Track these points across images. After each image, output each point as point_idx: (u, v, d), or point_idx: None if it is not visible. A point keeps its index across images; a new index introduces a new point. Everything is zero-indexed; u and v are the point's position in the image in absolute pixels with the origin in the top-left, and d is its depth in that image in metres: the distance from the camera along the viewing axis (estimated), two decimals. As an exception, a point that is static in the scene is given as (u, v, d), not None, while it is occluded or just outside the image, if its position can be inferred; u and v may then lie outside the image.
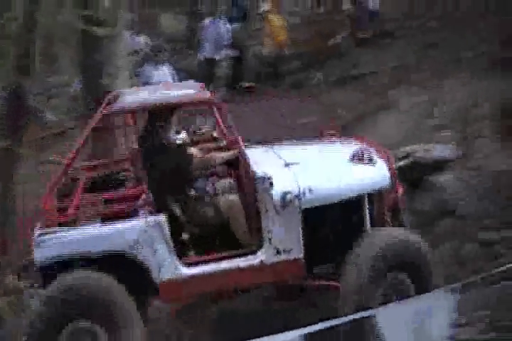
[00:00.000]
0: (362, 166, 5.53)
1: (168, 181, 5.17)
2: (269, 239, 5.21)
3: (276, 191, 5.15)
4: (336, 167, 5.56)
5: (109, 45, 7.37)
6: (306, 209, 5.24)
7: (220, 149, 5.78)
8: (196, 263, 5.16)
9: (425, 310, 5.18)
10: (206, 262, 5.17)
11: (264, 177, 5.11)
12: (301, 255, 5.32)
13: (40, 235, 4.89)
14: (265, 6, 11.97)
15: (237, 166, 5.63)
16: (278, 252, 5.26)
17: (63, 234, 4.90)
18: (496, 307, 5.16)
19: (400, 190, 5.82)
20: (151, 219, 5.01)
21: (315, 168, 5.48)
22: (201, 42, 11.28)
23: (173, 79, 9.40)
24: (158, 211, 5.08)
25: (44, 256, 4.88)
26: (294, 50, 11.86)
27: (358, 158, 5.56)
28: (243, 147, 5.19)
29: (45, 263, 4.91)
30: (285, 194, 5.19)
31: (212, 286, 5.25)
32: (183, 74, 11.85)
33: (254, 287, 5.61)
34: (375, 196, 5.58)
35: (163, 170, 5.12)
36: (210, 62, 11.06)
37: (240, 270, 5.19)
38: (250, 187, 5.23)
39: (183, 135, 6.06)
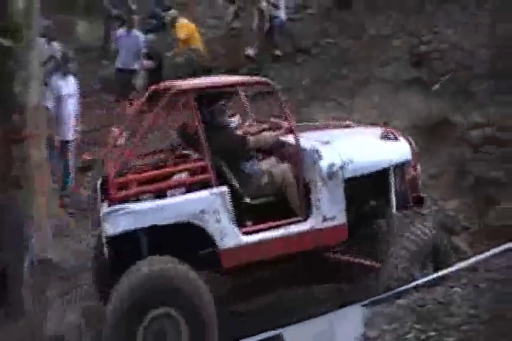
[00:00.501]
0: (390, 143, 6.33)
1: (227, 158, 5.63)
2: (318, 207, 5.75)
3: (324, 163, 5.73)
4: (369, 143, 6.30)
5: (21, 52, 7.13)
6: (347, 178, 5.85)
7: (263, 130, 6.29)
8: (253, 232, 5.59)
9: (335, 325, 5.42)
10: (262, 230, 5.60)
11: (313, 150, 5.72)
12: (345, 221, 5.88)
13: (108, 210, 5.21)
14: (173, 12, 11.92)
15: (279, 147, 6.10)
16: (325, 219, 5.79)
17: (132, 206, 5.21)
18: (404, 320, 5.26)
19: (418, 167, 6.62)
20: (215, 189, 5.38)
21: (351, 144, 6.15)
22: (117, 52, 11.14)
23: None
24: (219, 184, 5.44)
25: (113, 228, 5.15)
26: (211, 63, 11.81)
27: (386, 136, 6.36)
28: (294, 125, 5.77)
29: (114, 235, 5.15)
30: (331, 165, 5.76)
31: (268, 253, 5.65)
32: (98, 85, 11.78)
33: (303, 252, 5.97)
34: (399, 169, 6.29)
35: (224, 148, 5.59)
36: (126, 72, 10.90)
37: (292, 236, 5.68)
38: (299, 160, 5.74)
39: (236, 118, 6.52)
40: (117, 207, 5.20)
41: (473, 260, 6.06)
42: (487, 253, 6.12)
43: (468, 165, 9.11)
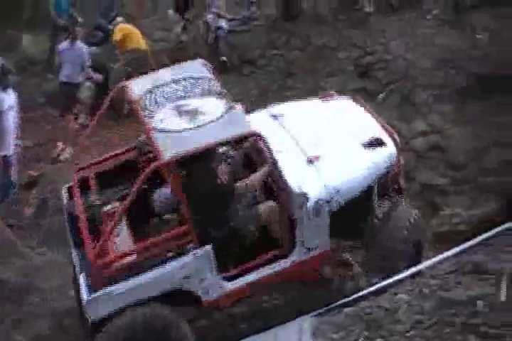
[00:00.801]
0: (376, 151, 6.16)
1: (213, 216, 5.49)
2: (302, 242, 5.76)
3: (310, 202, 5.64)
4: (354, 157, 6.08)
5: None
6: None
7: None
8: (235, 276, 5.65)
9: (281, 338, 5.44)
10: (243, 273, 5.65)
11: (301, 194, 5.58)
12: (328, 247, 5.99)
13: (91, 298, 5.12)
14: (118, 21, 11.84)
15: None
16: (309, 250, 5.85)
17: (114, 289, 5.12)
18: (352, 328, 5.28)
19: (401, 161, 6.60)
20: (200, 251, 5.34)
21: (336, 163, 5.92)
22: (61, 65, 10.96)
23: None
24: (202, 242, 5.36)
25: (96, 314, 5.16)
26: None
27: (370, 145, 6.16)
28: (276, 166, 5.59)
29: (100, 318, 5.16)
30: (317, 202, 5.69)
31: (252, 291, 5.87)
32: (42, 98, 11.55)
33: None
34: (384, 174, 6.29)
35: (210, 208, 5.46)
36: (71, 86, 10.73)
37: (274, 274, 5.76)
38: (286, 198, 5.66)
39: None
40: (99, 293, 5.11)
41: (419, 267, 6.13)
42: (433, 260, 6.20)
43: (413, 172, 9.26)
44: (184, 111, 5.46)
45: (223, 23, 12.01)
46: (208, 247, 5.35)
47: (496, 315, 4.70)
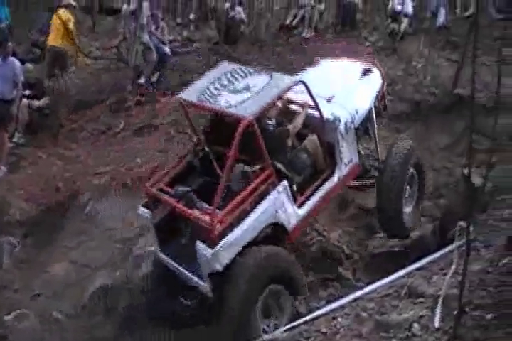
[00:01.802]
0: (369, 78, 7.94)
1: (278, 152, 6.58)
2: (341, 159, 7.14)
3: (342, 124, 7.06)
4: (359, 87, 7.74)
5: None
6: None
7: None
8: (302, 203, 6.73)
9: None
10: (306, 199, 6.77)
11: (334, 119, 6.98)
12: (358, 159, 7.49)
13: (213, 252, 5.86)
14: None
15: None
16: (346, 165, 7.26)
17: (228, 239, 5.95)
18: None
19: (385, 83, 8.34)
20: (279, 187, 6.41)
21: (348, 95, 7.43)
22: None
23: None
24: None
25: (220, 264, 5.96)
26: (97, 96, 11.54)
27: (365, 73, 7.91)
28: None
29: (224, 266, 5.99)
30: (346, 123, 7.15)
31: (316, 213, 7.23)
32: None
33: None
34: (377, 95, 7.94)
35: (276, 147, 6.54)
36: (3, 102, 10.40)
37: (327, 192, 7.03)
38: (323, 129, 6.91)
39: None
40: (217, 248, 5.88)
41: (359, 293, 6.17)
42: (371, 286, 6.24)
43: (351, 196, 9.37)
44: (238, 90, 6.50)
45: (167, 49, 11.93)
46: (285, 182, 6.45)
47: (431, 338, 4.76)
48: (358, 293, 6.16)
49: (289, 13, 14.20)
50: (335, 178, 7.13)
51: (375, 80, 8.09)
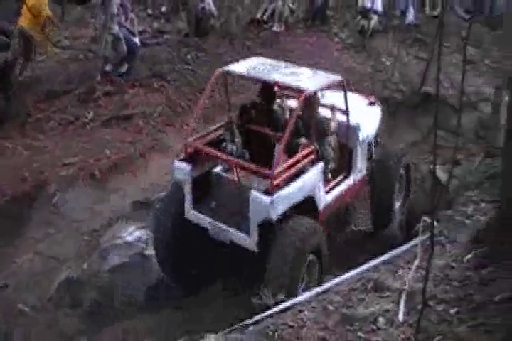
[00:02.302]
0: (373, 108, 8.72)
1: (319, 137, 7.15)
2: (356, 165, 7.96)
3: (361, 134, 7.84)
4: (368, 113, 8.45)
5: None
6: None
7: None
8: (328, 191, 7.39)
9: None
10: (331, 189, 7.49)
11: (357, 126, 7.75)
12: (365, 172, 8.28)
13: (271, 200, 6.25)
14: None
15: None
16: (358, 172, 8.06)
17: (283, 193, 6.39)
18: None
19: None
20: (318, 166, 6.99)
21: (361, 114, 8.03)
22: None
23: None
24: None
25: (276, 213, 6.35)
26: (65, 86, 11.41)
27: (371, 104, 8.69)
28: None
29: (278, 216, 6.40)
30: (363, 134, 7.90)
31: (339, 203, 7.81)
32: None
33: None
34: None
35: (321, 133, 7.17)
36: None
37: (346, 189, 7.85)
38: (348, 134, 7.65)
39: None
40: (275, 196, 6.28)
41: (325, 286, 6.23)
42: (337, 279, 6.31)
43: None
44: (287, 73, 7.03)
45: (137, 39, 11.85)
46: (322, 163, 7.03)
47: (396, 332, 4.84)
48: (324, 287, 6.22)
49: (259, 7, 14.19)
50: (351, 179, 7.93)
51: (378, 113, 8.81)
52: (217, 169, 7.08)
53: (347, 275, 6.30)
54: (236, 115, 7.59)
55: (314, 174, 6.92)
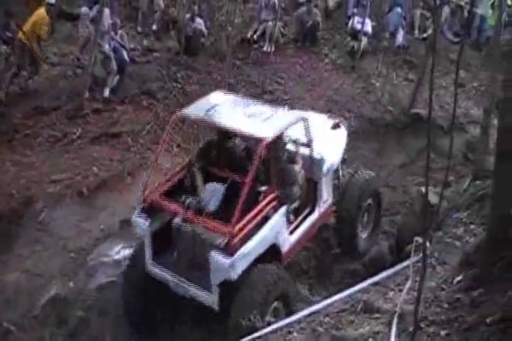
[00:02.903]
0: (338, 132, 8.61)
1: (286, 182, 7.03)
2: (321, 197, 7.86)
3: (325, 165, 7.74)
4: (332, 138, 8.37)
5: None
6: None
7: None
8: (292, 231, 7.29)
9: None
10: (296, 228, 7.39)
11: (322, 158, 7.67)
12: (331, 200, 8.19)
13: (230, 261, 6.12)
14: None
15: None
16: (324, 203, 7.96)
17: (242, 251, 6.26)
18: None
19: None
20: (281, 211, 6.87)
21: (325, 142, 7.91)
22: None
23: None
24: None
25: (235, 273, 6.23)
26: (53, 102, 11.33)
27: (335, 127, 8.60)
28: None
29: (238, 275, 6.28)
30: (327, 165, 7.79)
31: (304, 241, 7.78)
32: None
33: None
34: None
35: (286, 181, 7.02)
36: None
37: (311, 225, 7.73)
38: (311, 166, 7.53)
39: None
40: (235, 257, 6.15)
41: (315, 307, 6.18)
42: (327, 300, 6.27)
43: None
44: (245, 115, 6.89)
45: (125, 55, 11.86)
46: (284, 207, 6.90)
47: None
48: (313, 308, 6.18)
49: (250, 27, 14.26)
50: (316, 213, 7.81)
51: (343, 136, 8.69)
52: (178, 220, 6.80)
53: (336, 296, 6.27)
54: (195, 156, 7.47)
55: (277, 221, 6.82)
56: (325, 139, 8.03)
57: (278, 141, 6.97)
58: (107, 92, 11.42)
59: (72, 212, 8.80)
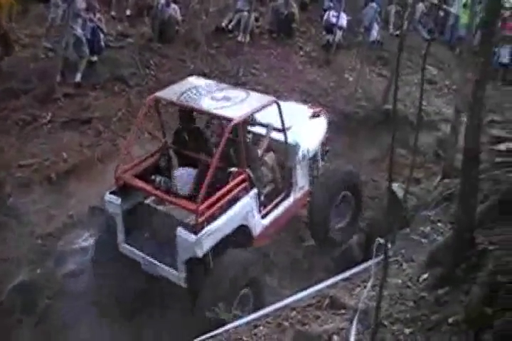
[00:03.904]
0: (317, 121, 8.77)
1: (251, 164, 7.03)
2: (296, 183, 7.95)
3: (300, 151, 7.88)
4: (310, 126, 8.53)
5: None
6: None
7: None
8: (265, 215, 7.35)
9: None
10: (269, 212, 7.42)
11: (295, 144, 7.78)
12: (308, 187, 8.31)
13: (197, 238, 6.19)
14: None
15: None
16: (299, 189, 8.07)
17: (211, 228, 6.35)
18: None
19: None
20: (251, 193, 6.96)
21: (302, 129, 8.12)
22: None
23: None
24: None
25: (201, 250, 6.28)
26: (24, 85, 11.14)
27: (314, 116, 8.76)
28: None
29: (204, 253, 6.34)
30: (303, 151, 7.96)
31: (276, 228, 7.72)
32: None
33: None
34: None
35: (253, 161, 7.07)
36: None
37: (286, 210, 7.75)
38: (286, 152, 7.63)
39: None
40: (202, 234, 6.22)
41: (283, 302, 6.22)
42: (295, 296, 6.31)
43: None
44: (218, 98, 6.96)
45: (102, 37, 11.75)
46: (255, 189, 6.98)
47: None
48: (281, 303, 6.22)
49: (225, 16, 14.17)
50: (291, 199, 7.88)
51: (322, 125, 8.85)
52: (149, 200, 6.99)
53: (304, 292, 6.31)
54: (171, 140, 7.56)
55: (247, 202, 6.90)
56: (303, 127, 8.18)
57: (247, 122, 7.19)
58: (78, 77, 11.27)
59: (41, 198, 8.73)
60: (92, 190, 8.81)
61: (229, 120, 6.61)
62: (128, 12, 13.72)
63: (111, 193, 6.92)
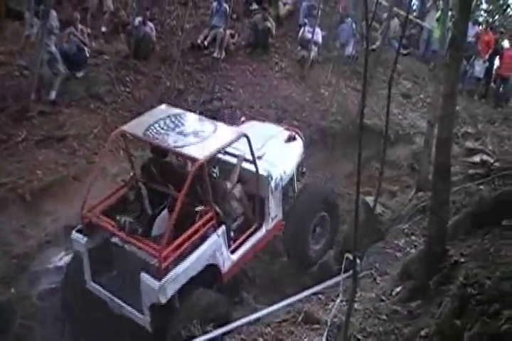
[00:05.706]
0: (293, 144, 8.75)
1: (219, 200, 6.90)
2: (269, 214, 7.79)
3: (273, 181, 7.75)
4: (285, 151, 8.47)
5: None
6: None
7: None
8: (234, 250, 7.24)
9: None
10: (238, 246, 7.30)
11: (268, 175, 7.66)
12: (281, 215, 8.18)
13: (160, 285, 6.03)
14: None
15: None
16: (272, 220, 7.92)
17: (174, 273, 6.17)
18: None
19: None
20: (219, 231, 6.82)
21: (276, 156, 8.07)
22: None
23: None
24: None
25: (165, 297, 6.14)
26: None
27: (289, 140, 8.71)
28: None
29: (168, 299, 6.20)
30: (276, 180, 7.84)
31: (245, 260, 7.61)
32: None
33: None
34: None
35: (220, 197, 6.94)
36: None
37: (257, 242, 7.63)
38: (257, 183, 7.47)
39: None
40: (166, 279, 6.07)
41: (256, 315, 6.22)
42: (269, 309, 6.31)
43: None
44: (185, 133, 6.81)
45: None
46: (223, 226, 6.85)
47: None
48: (255, 316, 6.22)
49: (200, 33, 14.23)
50: (263, 230, 7.76)
51: (298, 148, 8.82)
52: (116, 238, 6.77)
53: (278, 305, 6.31)
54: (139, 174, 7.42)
55: (214, 241, 6.76)
56: (277, 152, 8.12)
57: (213, 159, 7.03)
58: (53, 95, 11.21)
59: (16, 217, 8.62)
60: (67, 209, 8.74)
61: (194, 160, 6.44)
62: (103, 29, 13.70)
63: (77, 231, 6.82)
